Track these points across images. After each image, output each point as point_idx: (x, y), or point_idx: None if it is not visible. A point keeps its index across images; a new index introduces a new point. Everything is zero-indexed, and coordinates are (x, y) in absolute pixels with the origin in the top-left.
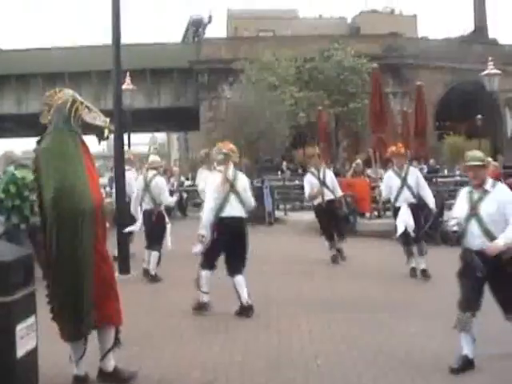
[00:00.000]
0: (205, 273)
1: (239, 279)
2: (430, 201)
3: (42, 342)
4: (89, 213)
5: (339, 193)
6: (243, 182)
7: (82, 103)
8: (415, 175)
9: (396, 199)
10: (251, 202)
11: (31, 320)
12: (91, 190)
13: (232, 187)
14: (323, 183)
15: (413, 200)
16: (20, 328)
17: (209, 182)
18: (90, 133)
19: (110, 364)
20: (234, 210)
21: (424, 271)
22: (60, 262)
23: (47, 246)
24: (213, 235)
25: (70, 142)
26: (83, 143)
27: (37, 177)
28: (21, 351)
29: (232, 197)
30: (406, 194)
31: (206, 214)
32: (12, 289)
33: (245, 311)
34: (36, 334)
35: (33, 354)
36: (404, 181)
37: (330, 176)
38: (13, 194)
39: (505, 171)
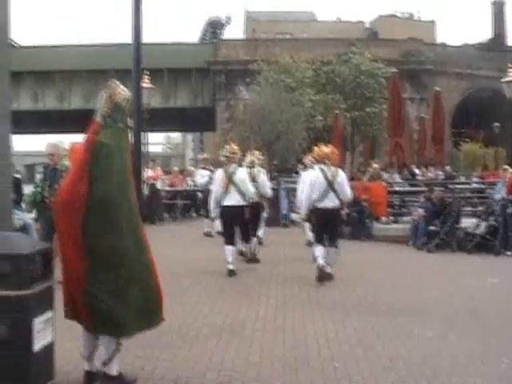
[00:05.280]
0: (227, 247)
1: (229, 247)
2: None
3: (58, 338)
4: (130, 217)
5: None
6: (242, 175)
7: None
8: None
9: None
10: (251, 191)
11: (48, 314)
12: (132, 189)
13: (231, 181)
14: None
15: None
16: (37, 322)
17: (215, 179)
18: None
19: (115, 368)
20: (231, 199)
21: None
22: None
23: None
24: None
25: (125, 140)
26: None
27: (93, 165)
28: (37, 345)
29: (232, 188)
30: None
31: (212, 203)
32: (30, 282)
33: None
34: (53, 329)
35: (49, 348)
36: None
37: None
38: None
39: None
